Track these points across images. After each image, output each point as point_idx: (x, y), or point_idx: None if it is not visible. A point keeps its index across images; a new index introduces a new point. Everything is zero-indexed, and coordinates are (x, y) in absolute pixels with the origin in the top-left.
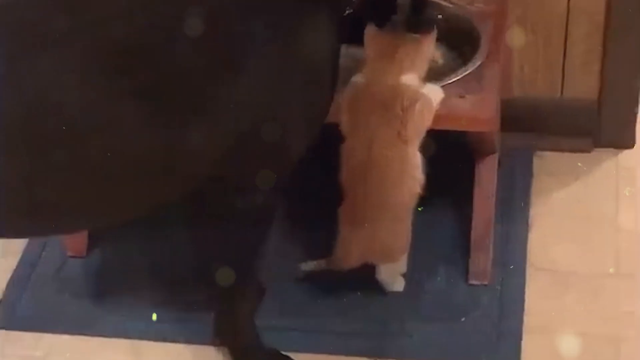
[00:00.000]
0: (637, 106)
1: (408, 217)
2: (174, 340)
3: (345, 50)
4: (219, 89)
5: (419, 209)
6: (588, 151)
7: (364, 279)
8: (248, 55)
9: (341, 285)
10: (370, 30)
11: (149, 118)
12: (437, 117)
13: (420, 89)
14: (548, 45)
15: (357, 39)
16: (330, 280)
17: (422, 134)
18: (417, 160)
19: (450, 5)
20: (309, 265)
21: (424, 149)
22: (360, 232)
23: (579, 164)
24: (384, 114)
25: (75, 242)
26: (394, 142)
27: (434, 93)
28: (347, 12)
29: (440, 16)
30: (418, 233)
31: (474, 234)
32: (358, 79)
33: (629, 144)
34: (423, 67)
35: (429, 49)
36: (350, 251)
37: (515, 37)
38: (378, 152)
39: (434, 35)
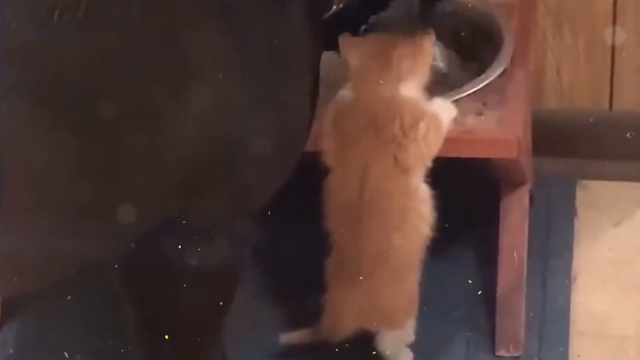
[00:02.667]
0: None
1: (415, 269)
2: None
3: (330, 59)
4: (165, 107)
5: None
6: None
7: (360, 351)
8: (201, 63)
9: None
10: (346, 40)
11: (83, 148)
12: (449, 141)
13: (425, 104)
14: (591, 45)
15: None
16: (317, 355)
17: (428, 161)
18: (423, 194)
19: None
20: (290, 337)
21: (433, 179)
22: (354, 291)
23: (635, 195)
24: (377, 136)
25: None
26: (392, 172)
27: (444, 110)
28: (332, 9)
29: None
30: (429, 290)
31: (500, 290)
32: (344, 92)
33: None
34: (425, 74)
35: (430, 50)
36: (342, 316)
37: (549, 34)
38: (373, 186)
39: (432, 35)
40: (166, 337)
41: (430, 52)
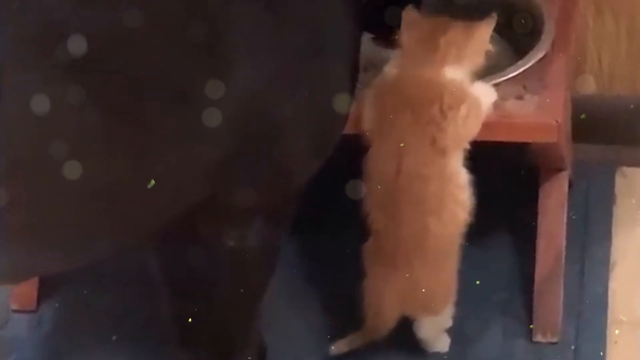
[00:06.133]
0: None
1: (453, 255)
2: None
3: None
4: (201, 86)
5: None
6: None
7: (399, 336)
8: (238, 42)
9: (371, 350)
10: (409, 14)
11: (115, 130)
12: (488, 125)
13: (468, 87)
14: (632, 31)
15: (379, 33)
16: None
17: (465, 144)
18: (461, 178)
19: None
20: (340, 345)
21: (471, 163)
22: (393, 277)
23: None
24: (416, 116)
25: (23, 293)
26: (429, 155)
27: (484, 94)
28: None
29: None
30: (466, 275)
31: (538, 276)
32: (389, 68)
33: None
34: (475, 62)
35: (485, 39)
36: (382, 302)
37: (590, 20)
38: (410, 168)
39: (492, 22)
40: (202, 320)
41: (483, 40)
